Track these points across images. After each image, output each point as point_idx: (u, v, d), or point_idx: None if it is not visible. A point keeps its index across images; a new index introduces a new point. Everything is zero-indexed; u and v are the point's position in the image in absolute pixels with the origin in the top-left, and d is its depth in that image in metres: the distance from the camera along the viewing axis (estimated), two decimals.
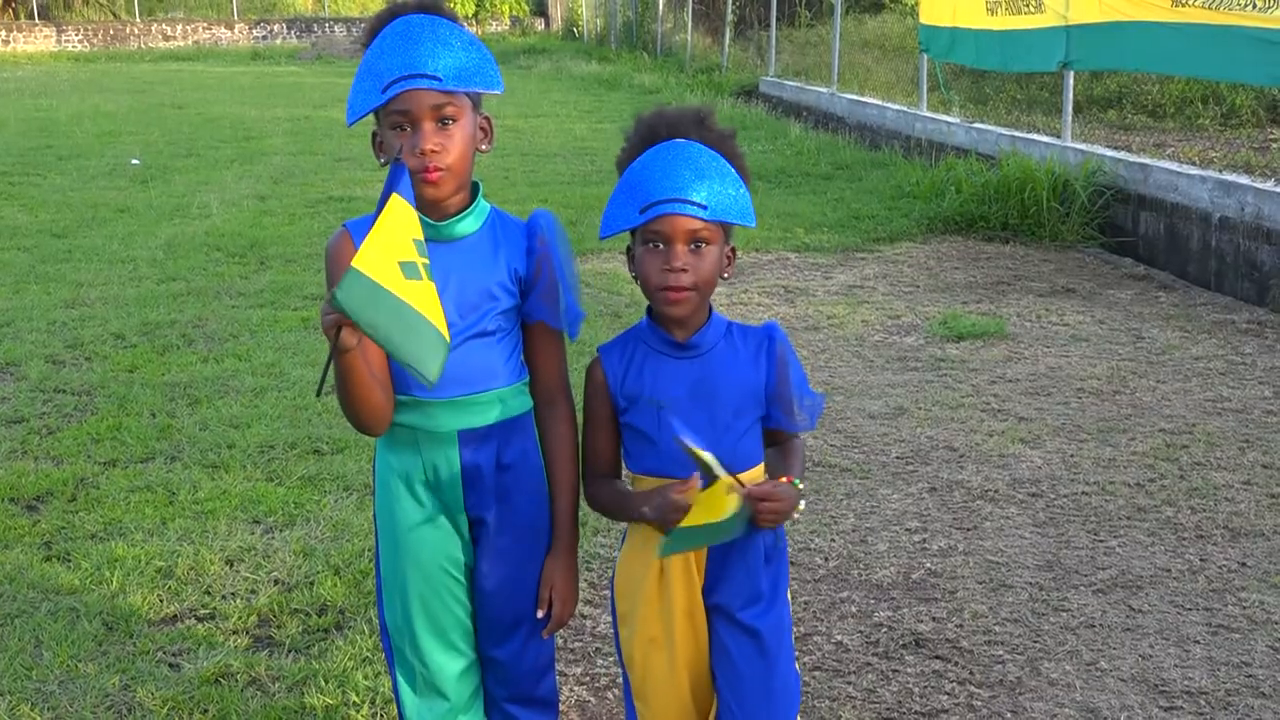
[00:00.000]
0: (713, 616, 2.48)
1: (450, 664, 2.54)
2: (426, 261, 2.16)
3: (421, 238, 2.18)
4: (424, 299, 2.14)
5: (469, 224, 2.45)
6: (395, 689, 2.59)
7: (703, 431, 2.40)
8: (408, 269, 2.11)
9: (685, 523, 2.27)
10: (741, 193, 2.38)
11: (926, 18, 13.66)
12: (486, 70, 2.40)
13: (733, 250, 2.46)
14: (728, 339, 2.46)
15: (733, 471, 2.38)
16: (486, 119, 2.49)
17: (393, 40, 2.36)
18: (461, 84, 2.36)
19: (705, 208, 2.33)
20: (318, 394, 2.23)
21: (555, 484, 2.56)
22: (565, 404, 2.57)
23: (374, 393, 2.33)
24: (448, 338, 2.19)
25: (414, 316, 2.12)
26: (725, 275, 2.45)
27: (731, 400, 2.42)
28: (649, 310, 2.46)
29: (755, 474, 2.47)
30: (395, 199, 2.12)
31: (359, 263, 2.05)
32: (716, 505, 2.27)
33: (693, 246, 2.35)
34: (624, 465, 2.56)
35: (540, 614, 2.55)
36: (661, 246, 2.36)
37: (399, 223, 2.13)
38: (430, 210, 2.40)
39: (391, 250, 2.10)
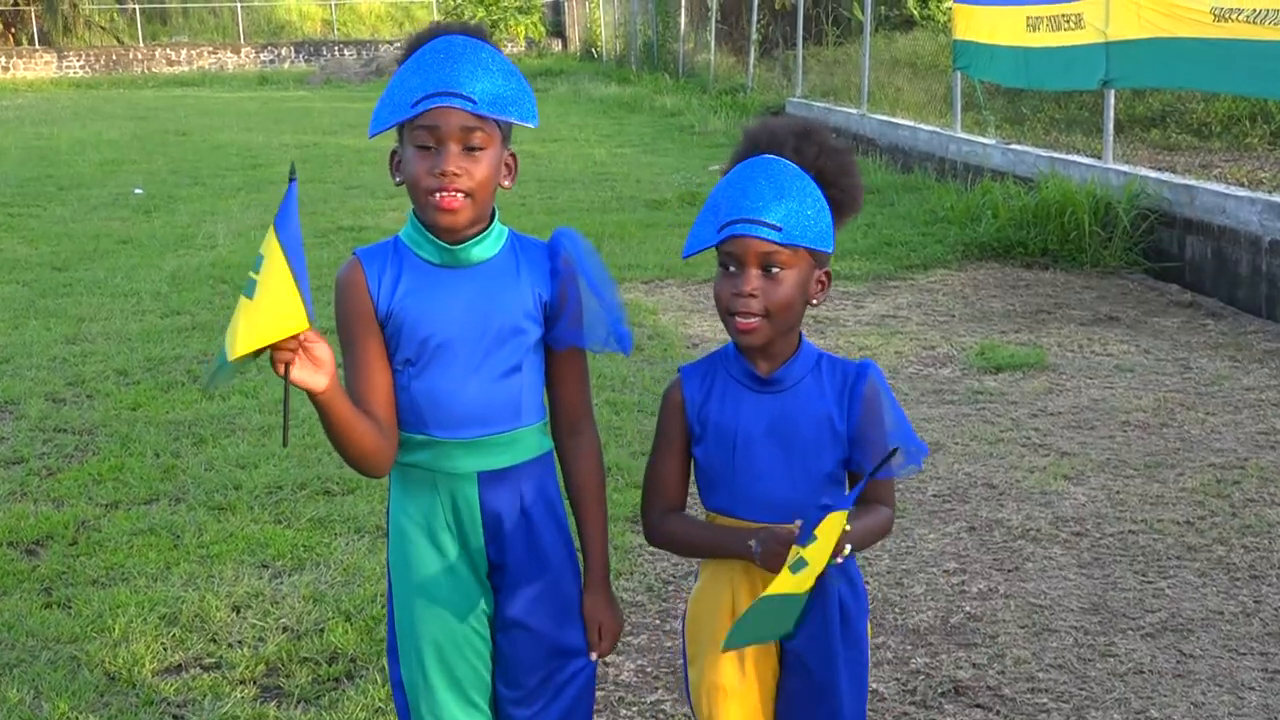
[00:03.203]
0: (785, 661, 2.46)
1: None
2: (258, 275, 2.12)
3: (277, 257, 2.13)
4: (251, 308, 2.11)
5: (486, 248, 2.42)
6: None
7: (779, 472, 2.37)
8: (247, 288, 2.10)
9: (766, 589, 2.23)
10: (821, 214, 2.32)
11: (962, 34, 13.67)
12: (523, 101, 2.39)
13: (826, 274, 2.40)
14: (815, 373, 2.41)
15: (814, 517, 2.36)
16: (512, 155, 2.47)
17: (431, 57, 2.35)
18: (496, 111, 2.34)
19: (779, 229, 2.28)
20: (284, 443, 2.22)
21: (585, 516, 2.53)
22: (591, 432, 2.56)
23: (360, 434, 2.31)
24: (231, 354, 2.12)
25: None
26: (814, 302, 2.39)
27: (812, 440, 2.38)
28: None
29: (837, 520, 2.43)
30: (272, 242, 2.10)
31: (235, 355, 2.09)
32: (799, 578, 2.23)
33: (766, 270, 2.31)
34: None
35: (594, 656, 2.53)
36: (734, 269, 2.32)
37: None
38: (443, 237, 2.39)
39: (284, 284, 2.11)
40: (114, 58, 39.62)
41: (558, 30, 45.40)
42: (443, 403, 2.41)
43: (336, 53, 41.31)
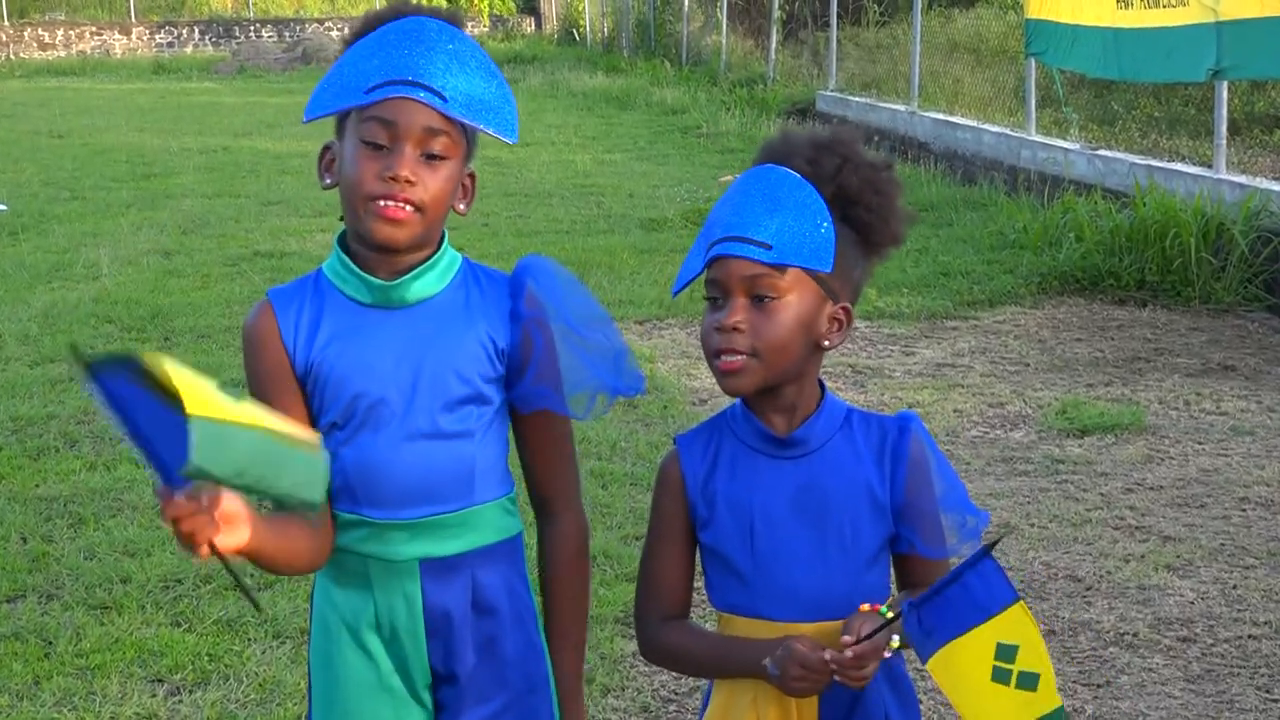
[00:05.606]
0: None
1: None
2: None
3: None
4: (260, 417, 2.11)
5: (429, 283, 2.44)
6: None
7: (811, 556, 2.37)
8: (230, 392, 2.07)
9: None
10: (819, 228, 2.33)
11: (1036, 12, 13.74)
12: (503, 110, 2.41)
13: (844, 310, 2.40)
14: (845, 432, 2.42)
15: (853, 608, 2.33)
16: (471, 175, 2.48)
17: (397, 37, 2.36)
18: (470, 114, 2.36)
19: (769, 247, 2.30)
20: (257, 609, 2.22)
21: (557, 629, 2.53)
22: (573, 519, 2.56)
23: (291, 549, 2.32)
24: (317, 445, 2.17)
25: (266, 440, 2.08)
26: (826, 344, 2.39)
27: (849, 514, 2.38)
28: None
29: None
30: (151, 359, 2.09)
31: (193, 409, 1.97)
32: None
33: (755, 299, 2.32)
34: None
35: None
36: (720, 300, 2.34)
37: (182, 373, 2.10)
38: (379, 266, 2.40)
39: (199, 383, 2.03)
40: None
41: (530, 7, 45.62)
42: (375, 475, 2.42)
43: (252, 34, 41.48)
